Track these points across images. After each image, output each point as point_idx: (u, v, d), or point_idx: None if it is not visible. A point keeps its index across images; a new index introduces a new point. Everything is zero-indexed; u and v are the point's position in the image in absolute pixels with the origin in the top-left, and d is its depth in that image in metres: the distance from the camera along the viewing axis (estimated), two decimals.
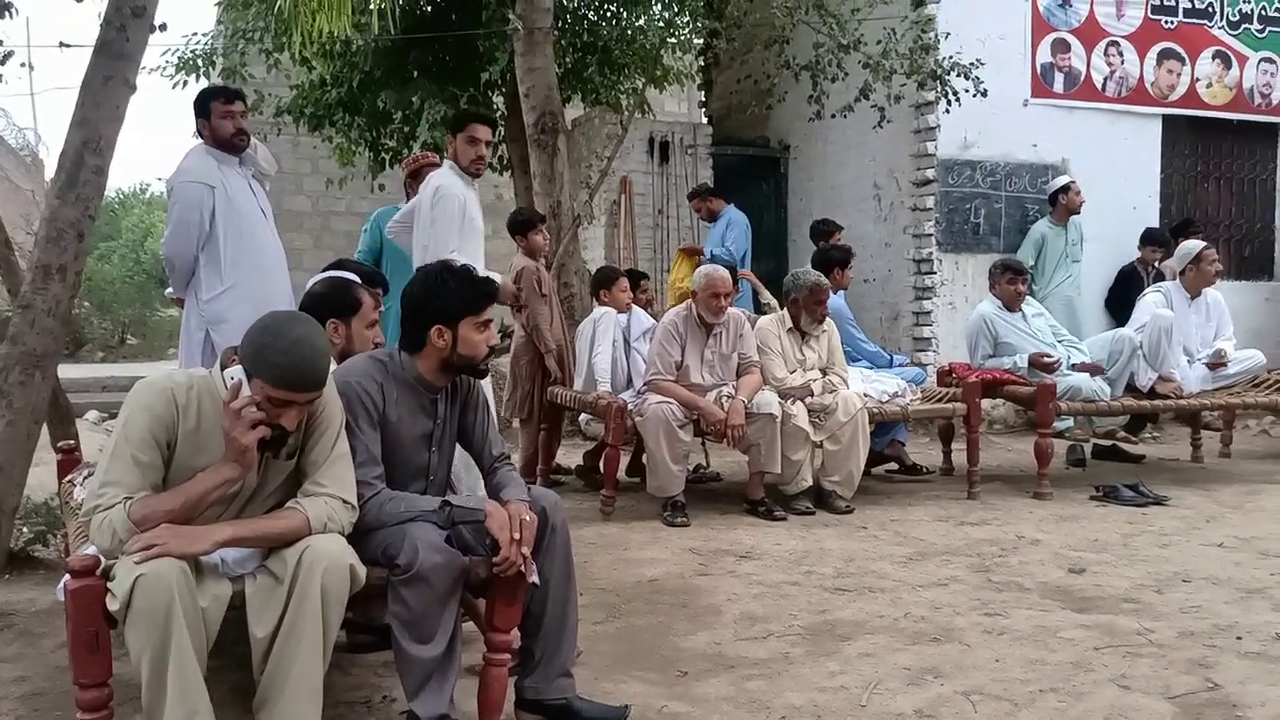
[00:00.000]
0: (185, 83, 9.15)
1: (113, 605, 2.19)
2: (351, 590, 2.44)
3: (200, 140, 4.31)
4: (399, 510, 2.65)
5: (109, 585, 2.21)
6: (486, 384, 3.44)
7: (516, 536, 2.63)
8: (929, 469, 6.58)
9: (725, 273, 5.57)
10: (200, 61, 9.16)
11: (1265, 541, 4.69)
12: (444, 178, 4.56)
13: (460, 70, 8.64)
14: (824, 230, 7.29)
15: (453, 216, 4.44)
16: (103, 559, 2.28)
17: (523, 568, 2.63)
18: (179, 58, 9.17)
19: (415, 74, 8.77)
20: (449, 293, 2.81)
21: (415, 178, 5.41)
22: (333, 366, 2.96)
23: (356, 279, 3.32)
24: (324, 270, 3.70)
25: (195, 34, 9.39)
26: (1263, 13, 8.92)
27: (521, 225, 6.20)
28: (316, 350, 2.43)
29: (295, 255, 11.76)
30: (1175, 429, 8.03)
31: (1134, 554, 4.55)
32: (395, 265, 5.28)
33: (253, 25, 8.62)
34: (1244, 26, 8.88)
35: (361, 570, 2.47)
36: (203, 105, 4.29)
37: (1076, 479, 6.33)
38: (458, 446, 3.05)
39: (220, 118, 4.26)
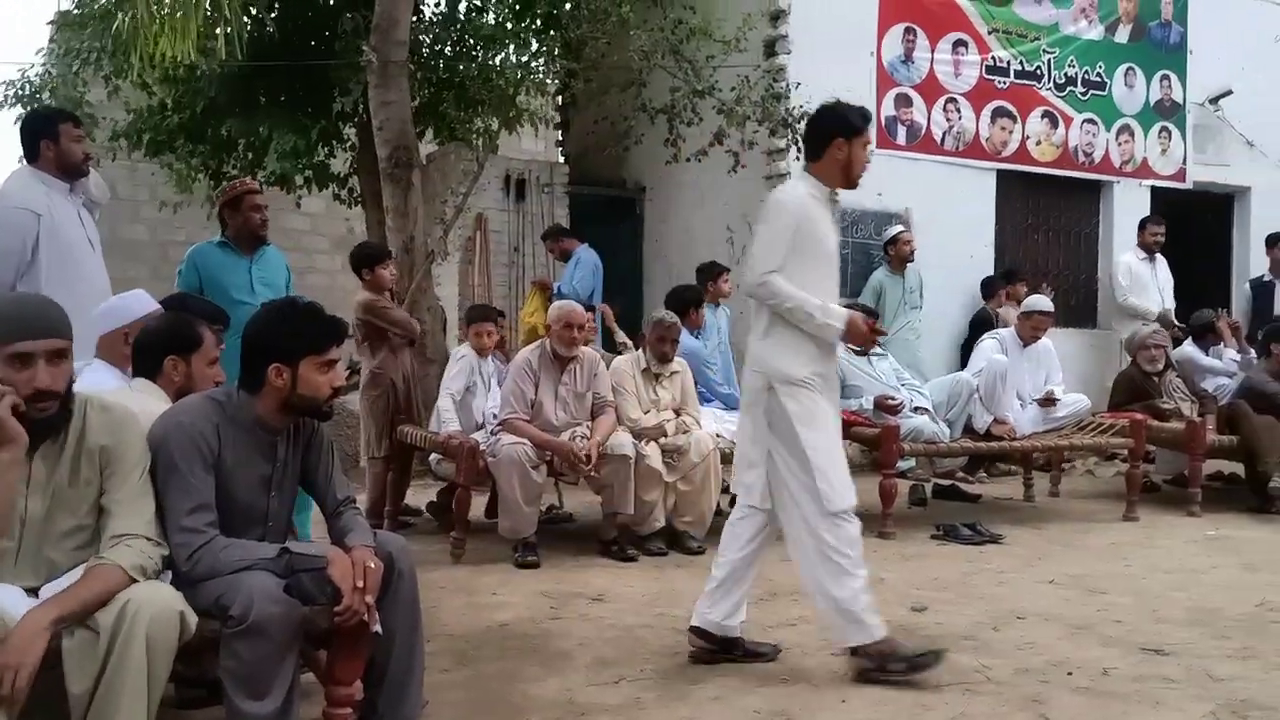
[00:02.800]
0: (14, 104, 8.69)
1: None
2: (181, 640, 2.29)
3: (26, 163, 4.06)
4: (233, 558, 2.52)
5: None
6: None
7: (360, 584, 2.53)
8: None
9: (579, 306, 5.57)
10: (28, 86, 8.71)
11: (1092, 579, 4.91)
12: (787, 188, 3.73)
13: (311, 100, 8.44)
14: (712, 271, 7.35)
15: (781, 230, 3.57)
16: None
17: (366, 617, 2.53)
18: (14, 87, 8.71)
19: (263, 102, 8.53)
20: (290, 330, 2.71)
21: (233, 207, 4.93)
22: (166, 405, 2.82)
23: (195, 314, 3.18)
24: (160, 303, 3.54)
25: (32, 64, 8.93)
26: (1085, 77, 9.50)
27: (367, 260, 6.07)
28: (42, 299, 2.43)
29: (130, 286, 11.08)
30: (1009, 469, 8.37)
31: (972, 592, 4.70)
32: (222, 304, 5.00)
33: (88, 46, 8.23)
34: (1069, 89, 9.44)
35: (192, 618, 2.33)
36: (49, 127, 4.04)
37: (918, 518, 6.53)
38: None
39: (72, 141, 4.04)
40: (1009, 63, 9.19)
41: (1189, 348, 7.97)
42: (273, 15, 8.49)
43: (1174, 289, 8.98)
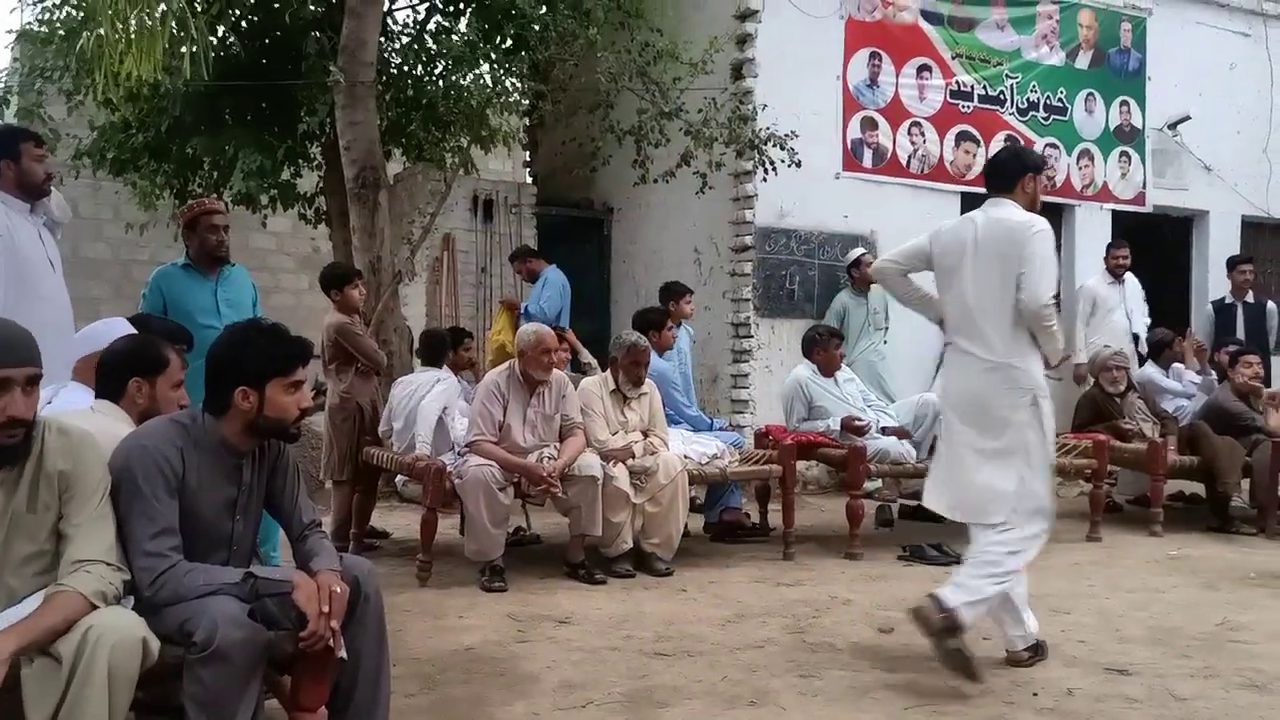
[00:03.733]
0: None
1: None
2: (143, 667, 2.26)
3: None
4: (197, 583, 2.49)
5: None
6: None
7: (325, 609, 2.51)
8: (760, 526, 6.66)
9: (550, 330, 5.58)
10: None
11: (1056, 598, 4.94)
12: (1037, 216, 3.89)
13: (277, 120, 8.40)
14: (674, 291, 7.36)
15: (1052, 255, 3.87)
16: None
17: (331, 641, 2.51)
18: None
19: (229, 121, 8.48)
20: (256, 352, 2.69)
21: (190, 228, 4.86)
22: (130, 428, 2.79)
23: (159, 336, 3.16)
24: (127, 320, 3.51)
25: None
26: (1047, 102, 9.64)
27: (337, 280, 6.05)
28: (16, 325, 2.39)
29: (92, 305, 11.12)
30: None
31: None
32: (187, 327, 4.94)
33: (52, 64, 8.16)
34: (1031, 114, 9.57)
35: (155, 644, 2.30)
36: (9, 146, 3.99)
37: (885, 539, 6.56)
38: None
39: (33, 160, 3.99)
40: (972, 87, 9.31)
41: (1150, 369, 8.08)
42: (239, 35, 8.46)
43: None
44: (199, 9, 7.25)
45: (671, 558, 5.56)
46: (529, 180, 11.66)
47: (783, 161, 7.87)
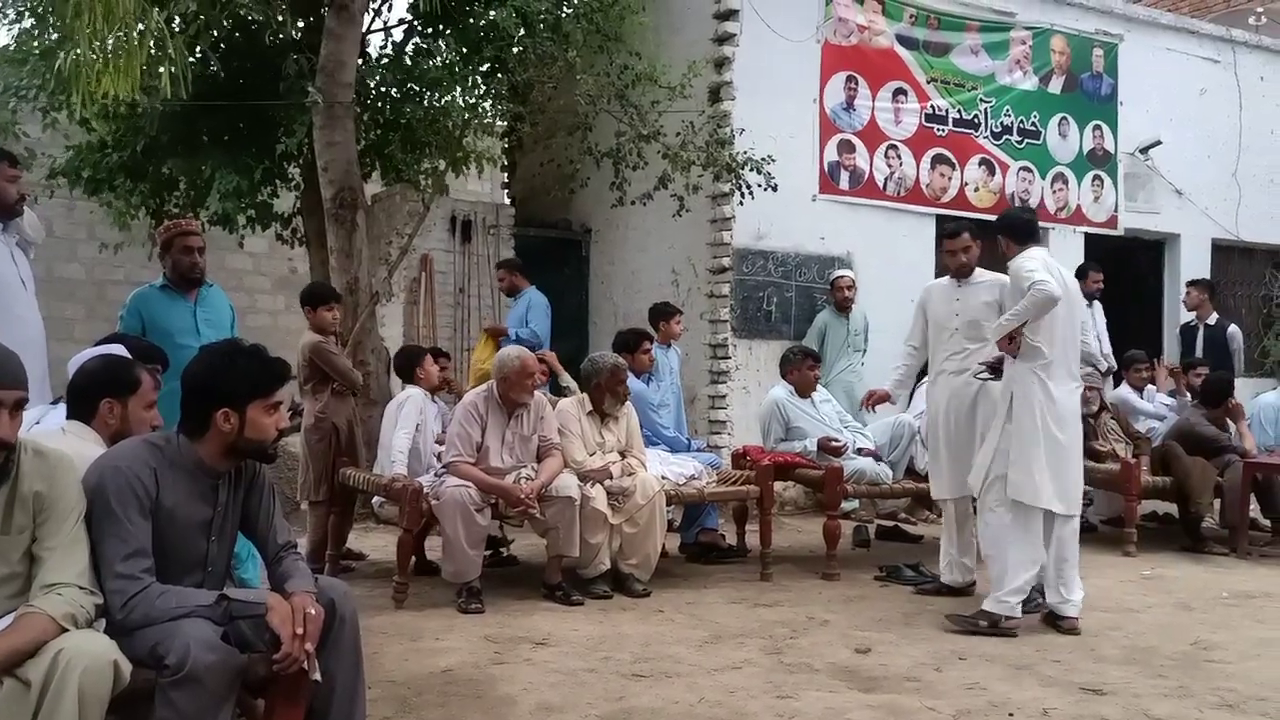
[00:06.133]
0: None
1: None
2: (114, 690, 2.25)
3: None
4: (169, 605, 2.47)
5: None
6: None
7: (300, 631, 2.50)
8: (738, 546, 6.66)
9: (530, 353, 5.58)
10: None
11: (1031, 619, 4.96)
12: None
13: (255, 140, 8.38)
14: (665, 312, 7.37)
15: None
16: None
17: (305, 664, 2.49)
18: None
19: (206, 141, 8.45)
20: (237, 373, 2.69)
21: (166, 249, 4.83)
22: (102, 449, 2.78)
23: (131, 355, 3.14)
24: (97, 344, 3.49)
25: None
26: (1020, 126, 9.75)
27: (311, 299, 6.05)
28: (5, 349, 2.38)
29: (66, 325, 11.04)
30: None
31: (915, 632, 4.74)
32: (166, 349, 4.91)
33: (28, 83, 8.11)
34: (1005, 137, 9.67)
35: (126, 667, 2.28)
36: None
37: (862, 559, 6.57)
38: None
39: (6, 180, 3.97)
40: (947, 111, 9.40)
41: (1124, 390, 8.16)
42: (218, 55, 8.44)
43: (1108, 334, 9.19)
44: (177, 29, 7.24)
45: (649, 579, 5.55)
46: (507, 201, 11.66)
47: (759, 185, 7.92)
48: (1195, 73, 10.58)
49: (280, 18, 7.78)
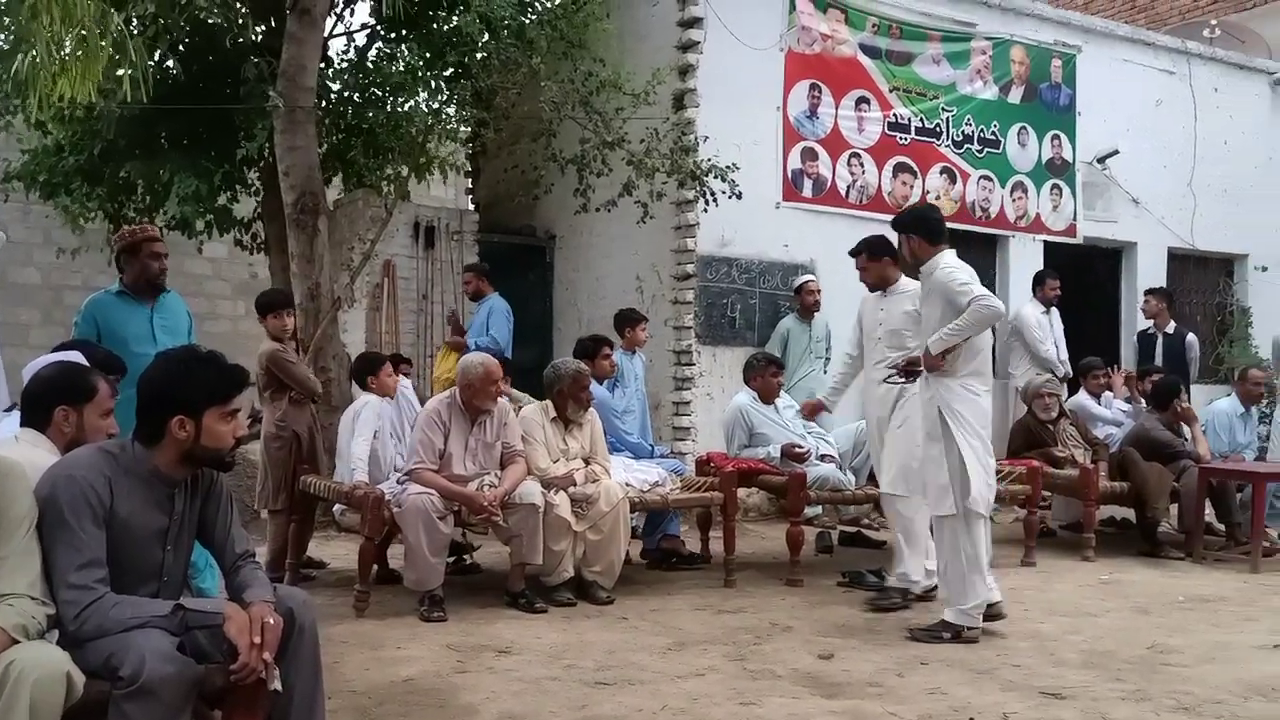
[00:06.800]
0: None
1: None
2: (67, 703, 2.21)
3: None
4: (124, 616, 2.44)
5: None
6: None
7: (257, 641, 2.47)
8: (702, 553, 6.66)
9: (495, 361, 5.56)
10: None
11: (992, 624, 5.00)
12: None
13: (215, 144, 8.30)
14: (630, 319, 7.37)
15: None
16: None
17: (263, 675, 2.46)
18: None
19: (165, 145, 8.36)
20: (193, 380, 2.66)
21: (131, 253, 4.78)
22: (56, 458, 2.73)
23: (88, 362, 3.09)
24: (55, 350, 3.44)
25: None
26: (981, 135, 9.85)
27: (264, 306, 6.00)
28: None
29: (21, 331, 10.88)
30: None
31: (878, 638, 4.76)
32: (122, 355, 4.82)
33: None
34: (966, 146, 9.77)
35: (80, 679, 2.25)
36: None
37: (825, 565, 6.60)
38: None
39: None
40: (909, 120, 9.48)
41: (1082, 397, 8.26)
42: (177, 58, 8.35)
43: (1065, 340, 9.31)
44: (136, 31, 7.15)
45: (613, 586, 5.54)
46: (471, 207, 11.62)
47: (723, 192, 7.95)
48: (1151, 84, 10.75)
49: (240, 21, 7.72)
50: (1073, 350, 9.24)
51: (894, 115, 9.39)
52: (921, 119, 9.53)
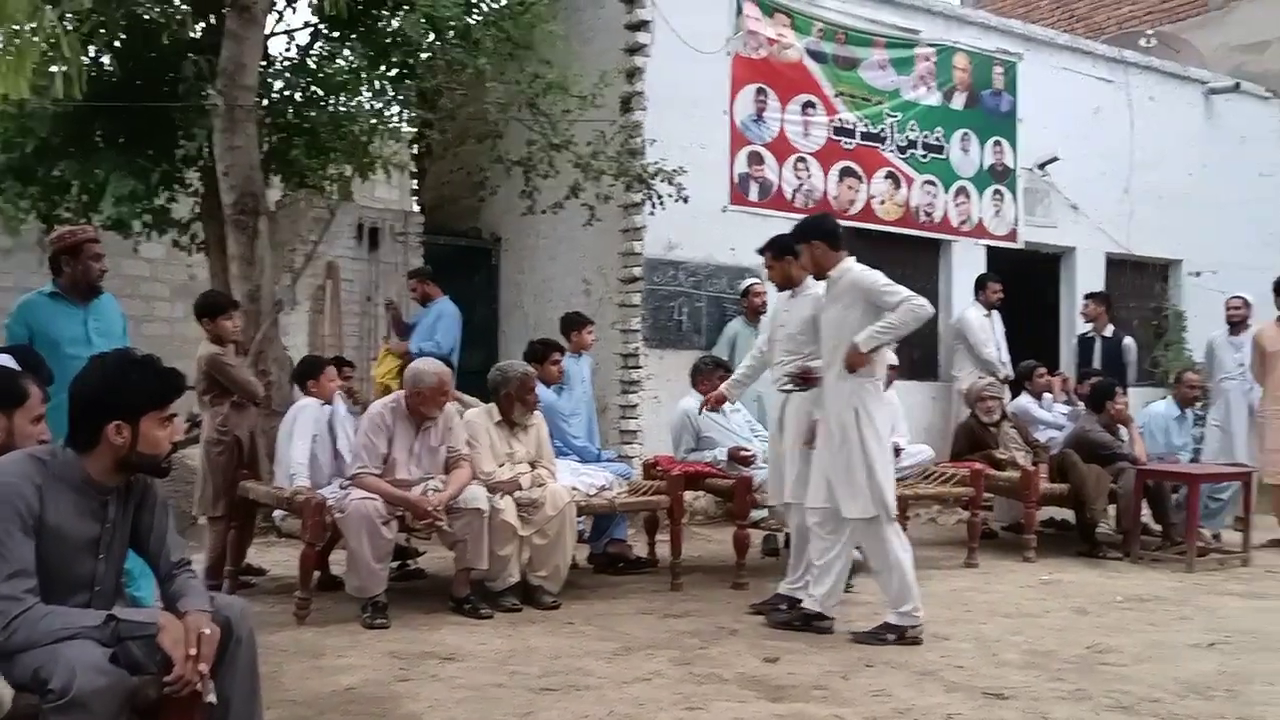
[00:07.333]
0: None
1: None
2: None
3: None
4: (54, 627, 2.37)
5: None
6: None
7: (193, 652, 2.41)
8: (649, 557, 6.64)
9: (445, 368, 5.50)
10: None
11: (935, 625, 5.04)
12: None
13: (152, 143, 8.12)
14: (576, 322, 7.32)
15: None
16: None
17: (199, 686, 2.40)
18: None
19: (101, 144, 8.17)
20: (131, 385, 2.59)
21: (72, 255, 4.67)
22: None
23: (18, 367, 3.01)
24: None
25: None
26: (925, 140, 9.96)
27: (210, 309, 5.86)
28: None
29: None
30: None
31: (822, 641, 4.78)
32: (54, 358, 4.70)
33: None
34: (910, 151, 9.88)
35: (8, 693, 2.19)
36: None
37: (771, 568, 6.60)
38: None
39: None
40: (855, 125, 9.56)
41: (1024, 400, 8.37)
42: (113, 54, 8.16)
43: (1007, 344, 9.45)
44: (70, 27, 6.98)
45: (559, 591, 5.51)
46: (416, 208, 11.52)
47: (670, 195, 7.95)
48: (1090, 92, 10.96)
49: (179, 18, 7.57)
50: (1014, 353, 9.38)
51: (839, 120, 9.46)
52: (867, 124, 9.61)
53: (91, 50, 7.71)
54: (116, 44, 8.04)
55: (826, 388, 4.98)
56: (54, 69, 6.58)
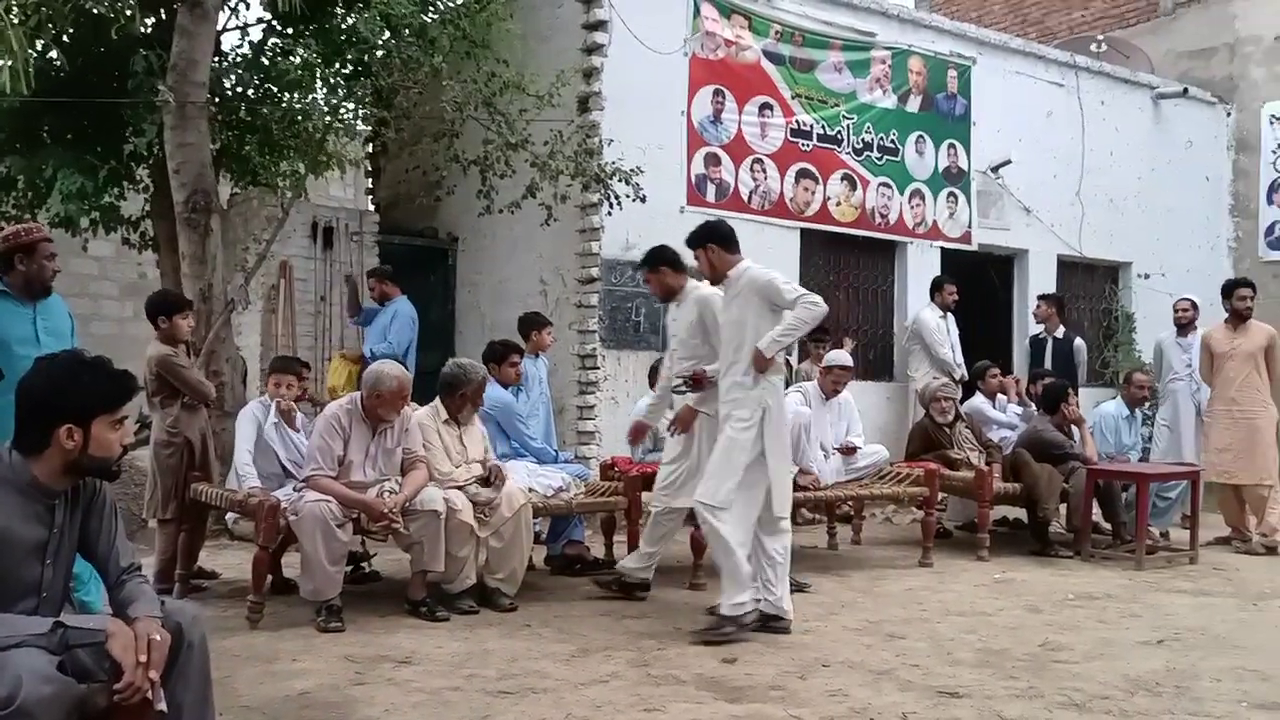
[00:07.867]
0: None
1: None
2: None
3: None
4: None
5: None
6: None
7: (143, 659, 2.37)
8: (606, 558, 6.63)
9: (404, 371, 5.46)
10: None
11: (891, 625, 5.09)
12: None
13: (101, 139, 7.98)
14: (534, 323, 7.28)
15: None
16: None
17: (149, 694, 2.36)
18: None
19: (48, 139, 8.01)
20: (82, 388, 2.55)
21: (27, 253, 4.53)
22: None
23: None
24: None
25: None
26: (880, 143, 10.04)
27: (165, 308, 5.76)
28: None
29: None
30: (814, 517, 8.61)
31: (779, 641, 4.80)
32: (2, 358, 4.58)
33: None
34: (866, 154, 9.95)
35: None
36: None
37: None
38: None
39: None
40: (812, 127, 9.61)
41: (978, 400, 8.46)
42: (61, 49, 8.01)
43: (961, 344, 9.56)
44: (16, 20, 6.84)
45: (516, 593, 5.49)
46: (371, 208, 11.42)
47: (628, 195, 7.94)
48: (1042, 96, 11.11)
49: (129, 12, 7.43)
50: (967, 354, 9.48)
51: (796, 122, 9.51)
52: (823, 126, 9.67)
53: (39, 44, 7.56)
54: (65, 38, 7.90)
55: (723, 387, 5.09)
56: (1, 63, 6.45)
